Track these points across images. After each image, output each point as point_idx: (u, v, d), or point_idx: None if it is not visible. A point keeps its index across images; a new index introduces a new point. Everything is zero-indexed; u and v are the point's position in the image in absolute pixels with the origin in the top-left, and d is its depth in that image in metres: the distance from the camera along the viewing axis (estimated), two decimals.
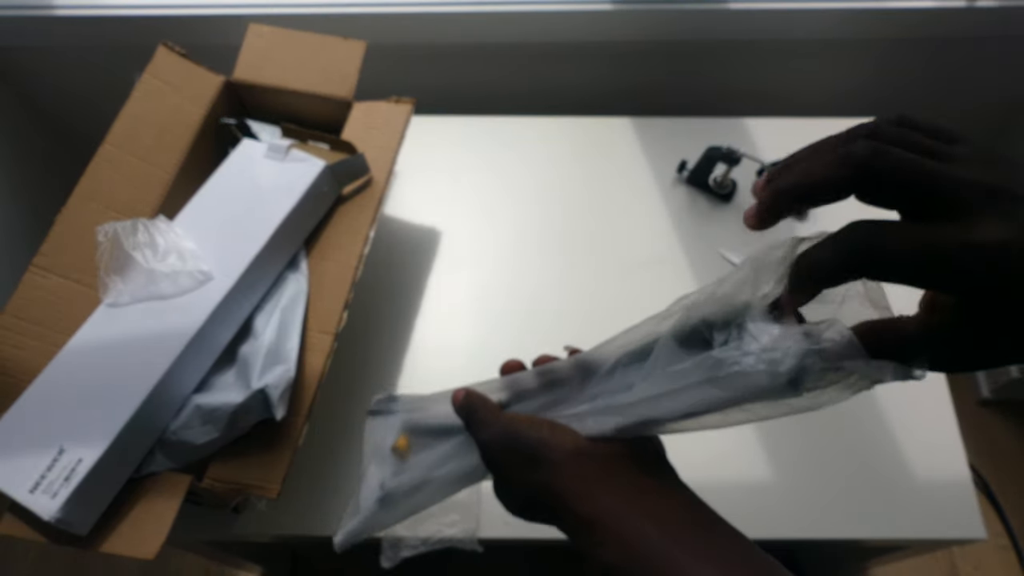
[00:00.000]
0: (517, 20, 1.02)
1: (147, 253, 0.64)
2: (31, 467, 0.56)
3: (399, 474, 0.47)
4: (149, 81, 0.75)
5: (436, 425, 0.48)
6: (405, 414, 0.50)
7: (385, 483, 0.47)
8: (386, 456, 0.49)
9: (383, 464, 0.48)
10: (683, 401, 0.35)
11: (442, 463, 0.46)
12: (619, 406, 0.38)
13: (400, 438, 0.49)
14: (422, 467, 0.47)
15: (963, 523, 0.74)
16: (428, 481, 0.46)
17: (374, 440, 0.50)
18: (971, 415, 1.47)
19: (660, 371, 0.37)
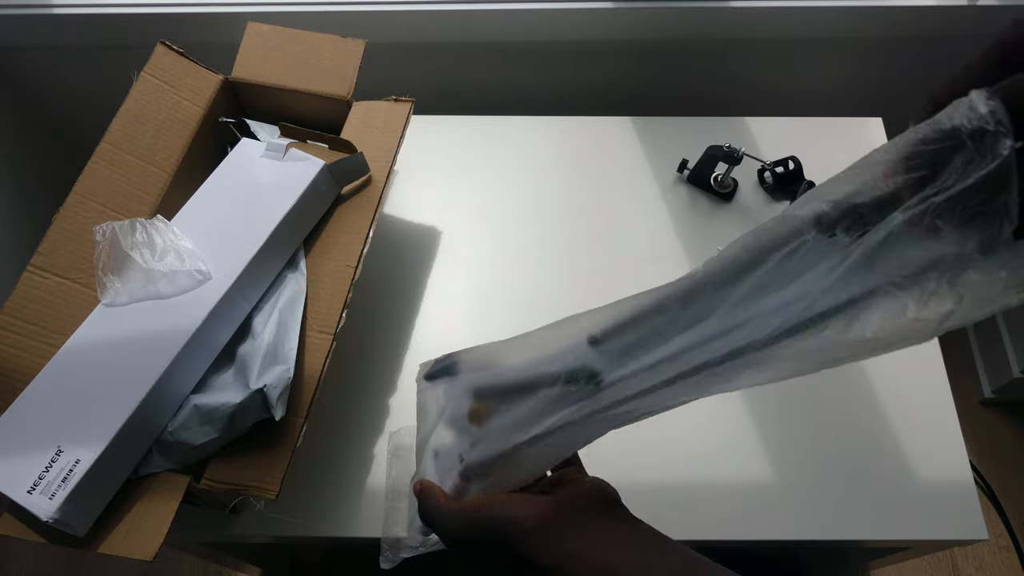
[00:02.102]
0: (517, 19, 1.02)
1: (145, 253, 0.64)
2: (29, 467, 0.56)
3: (477, 444, 0.42)
4: (147, 80, 0.75)
5: (512, 382, 0.42)
6: (470, 374, 0.44)
7: (464, 455, 0.42)
8: (462, 426, 0.43)
9: (461, 435, 0.43)
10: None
11: (528, 425, 0.40)
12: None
13: (475, 403, 0.43)
14: (503, 432, 0.41)
15: (964, 524, 0.74)
16: (516, 450, 0.40)
17: (439, 409, 0.45)
18: (973, 415, 1.47)
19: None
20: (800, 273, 0.31)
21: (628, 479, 0.77)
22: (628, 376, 0.38)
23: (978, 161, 0.26)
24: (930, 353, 0.83)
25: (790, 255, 0.31)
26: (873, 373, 0.83)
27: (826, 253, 0.30)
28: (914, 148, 0.28)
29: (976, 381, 1.49)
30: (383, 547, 0.72)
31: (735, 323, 0.33)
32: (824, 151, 0.97)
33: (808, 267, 0.31)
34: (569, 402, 0.39)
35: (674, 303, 0.36)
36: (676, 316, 0.36)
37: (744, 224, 0.93)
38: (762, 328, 0.32)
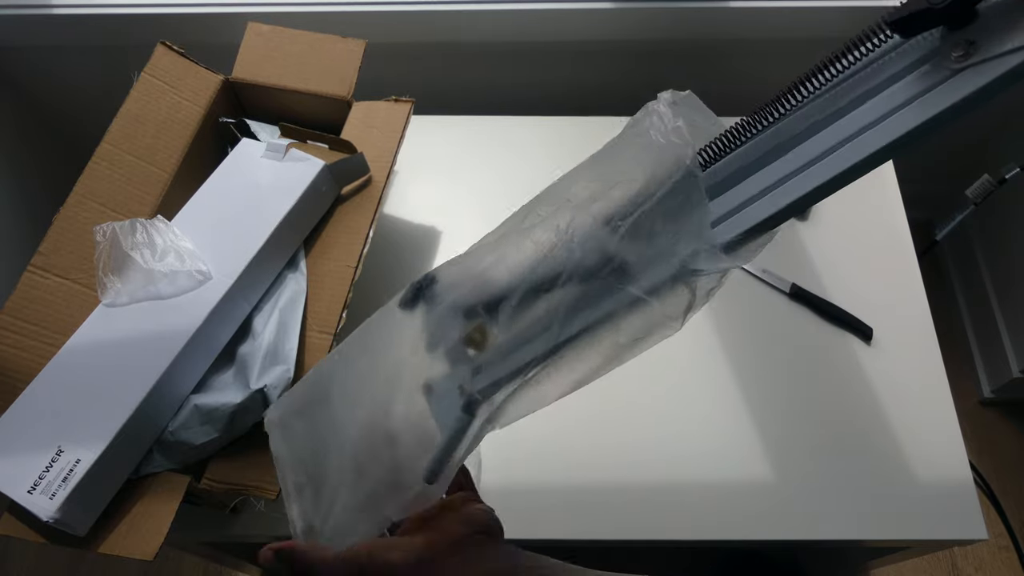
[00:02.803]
0: (517, 19, 1.02)
1: (145, 253, 0.64)
2: (29, 467, 0.56)
3: (482, 370, 0.38)
4: (148, 80, 0.75)
5: (502, 292, 0.38)
6: (455, 292, 0.40)
7: (466, 384, 0.38)
8: (457, 353, 0.39)
9: (457, 364, 0.39)
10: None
11: (531, 337, 0.37)
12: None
13: (470, 325, 0.39)
14: (503, 354, 0.37)
15: (964, 523, 0.74)
16: (533, 366, 0.36)
17: (427, 338, 0.40)
18: (972, 415, 1.47)
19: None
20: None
21: (629, 479, 0.78)
22: (655, 258, 0.34)
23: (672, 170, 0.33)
24: (930, 353, 0.83)
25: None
26: (873, 373, 0.83)
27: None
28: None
29: (976, 381, 1.49)
30: None
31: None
32: None
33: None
34: (595, 297, 0.36)
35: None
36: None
37: None
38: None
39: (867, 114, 0.29)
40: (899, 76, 0.28)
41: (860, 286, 0.88)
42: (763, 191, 0.33)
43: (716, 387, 0.82)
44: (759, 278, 0.89)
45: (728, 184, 0.34)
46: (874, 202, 0.95)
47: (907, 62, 0.28)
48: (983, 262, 1.48)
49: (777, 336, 0.86)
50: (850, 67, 0.30)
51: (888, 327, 0.85)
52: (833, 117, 0.31)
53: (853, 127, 0.30)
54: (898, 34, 0.27)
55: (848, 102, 0.30)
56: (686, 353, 0.85)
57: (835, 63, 0.30)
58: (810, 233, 0.93)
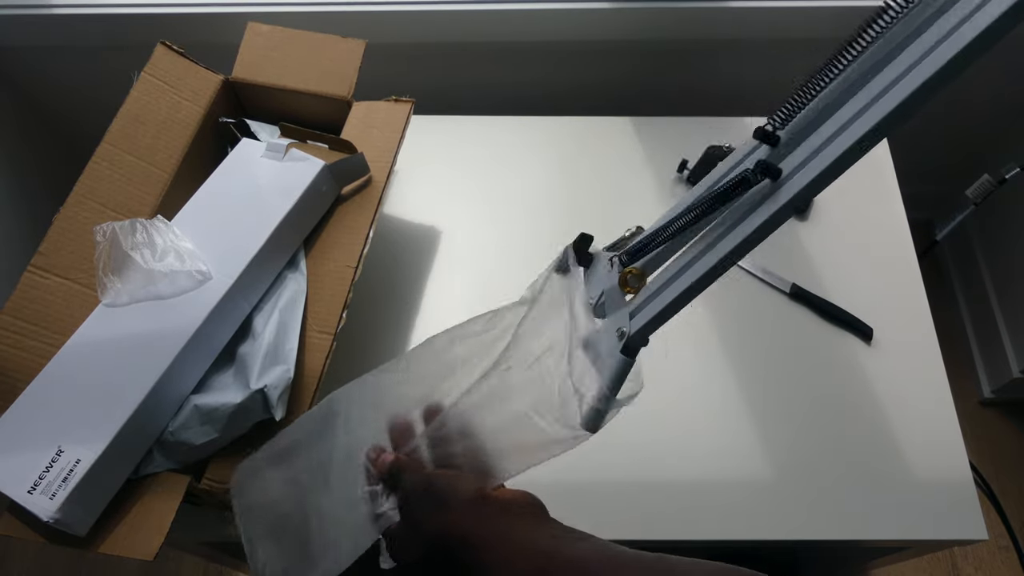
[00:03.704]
0: (517, 19, 1.02)
1: (145, 253, 0.64)
2: (29, 467, 0.56)
3: (639, 310, 0.42)
4: (147, 80, 0.75)
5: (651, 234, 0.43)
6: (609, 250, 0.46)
7: (626, 328, 0.42)
8: (615, 301, 0.44)
9: (616, 311, 0.43)
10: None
11: (684, 268, 0.41)
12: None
13: (626, 270, 0.43)
14: (676, 272, 0.41)
15: (964, 523, 0.74)
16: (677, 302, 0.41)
17: (576, 298, 0.46)
18: (972, 415, 1.47)
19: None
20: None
21: (628, 479, 0.78)
22: (805, 159, 0.37)
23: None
24: (930, 353, 0.83)
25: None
26: (873, 373, 0.83)
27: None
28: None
29: (976, 381, 1.49)
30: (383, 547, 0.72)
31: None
32: None
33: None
34: (738, 217, 0.38)
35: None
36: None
37: None
38: None
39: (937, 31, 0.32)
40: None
41: (860, 286, 0.88)
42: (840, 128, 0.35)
43: (716, 387, 0.82)
44: (759, 278, 0.89)
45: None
46: (874, 202, 0.95)
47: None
48: (983, 262, 1.48)
49: (777, 336, 0.86)
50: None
51: (888, 327, 0.85)
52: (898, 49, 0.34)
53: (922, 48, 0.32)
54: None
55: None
56: (686, 353, 0.85)
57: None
58: (810, 233, 0.93)
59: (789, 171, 0.36)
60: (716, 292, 0.93)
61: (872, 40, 0.35)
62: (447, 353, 0.52)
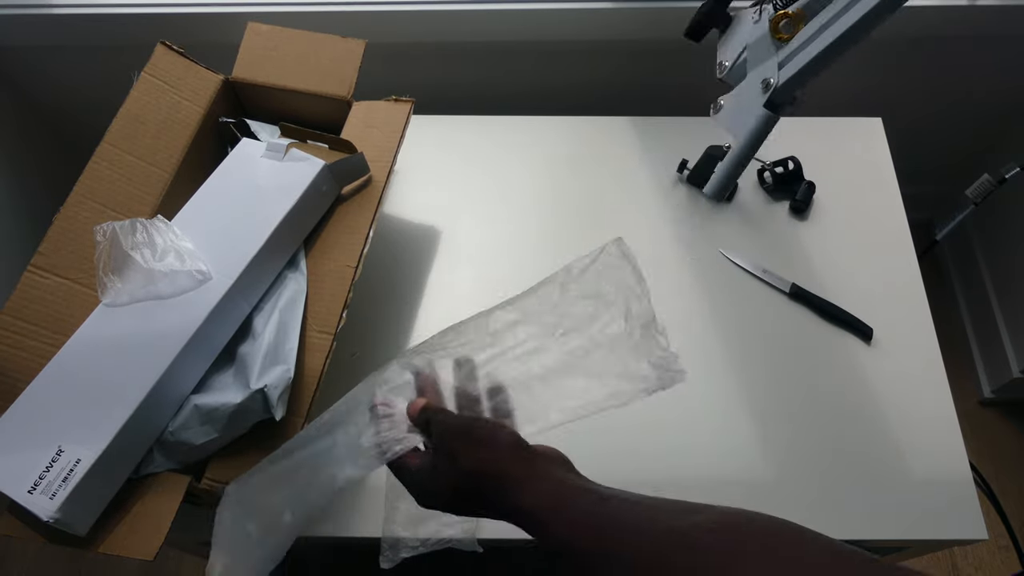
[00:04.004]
0: (517, 19, 1.02)
1: (145, 253, 0.64)
2: (30, 467, 0.56)
3: (792, 56, 0.42)
4: (147, 80, 0.75)
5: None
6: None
7: (773, 78, 0.42)
8: (762, 47, 0.44)
9: (767, 58, 0.43)
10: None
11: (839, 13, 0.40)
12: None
13: (783, 11, 0.43)
14: (810, 39, 0.42)
15: (964, 523, 0.74)
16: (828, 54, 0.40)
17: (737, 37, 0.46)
18: (972, 415, 1.47)
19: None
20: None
21: (628, 480, 0.77)
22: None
23: None
24: (930, 353, 0.83)
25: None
26: (873, 373, 0.83)
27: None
28: None
29: (976, 381, 1.49)
30: (383, 547, 0.72)
31: None
32: (824, 151, 0.97)
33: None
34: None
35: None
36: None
37: (744, 224, 0.93)
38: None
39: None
40: None
41: (860, 286, 0.88)
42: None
43: (716, 387, 0.82)
44: (759, 278, 0.89)
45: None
46: (874, 202, 0.95)
47: None
48: (983, 262, 1.48)
49: (777, 336, 0.86)
50: None
51: (888, 327, 0.85)
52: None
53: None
54: None
55: None
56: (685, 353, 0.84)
57: None
58: (810, 233, 0.93)
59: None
60: (716, 292, 0.93)
61: None
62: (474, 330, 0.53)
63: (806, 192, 0.94)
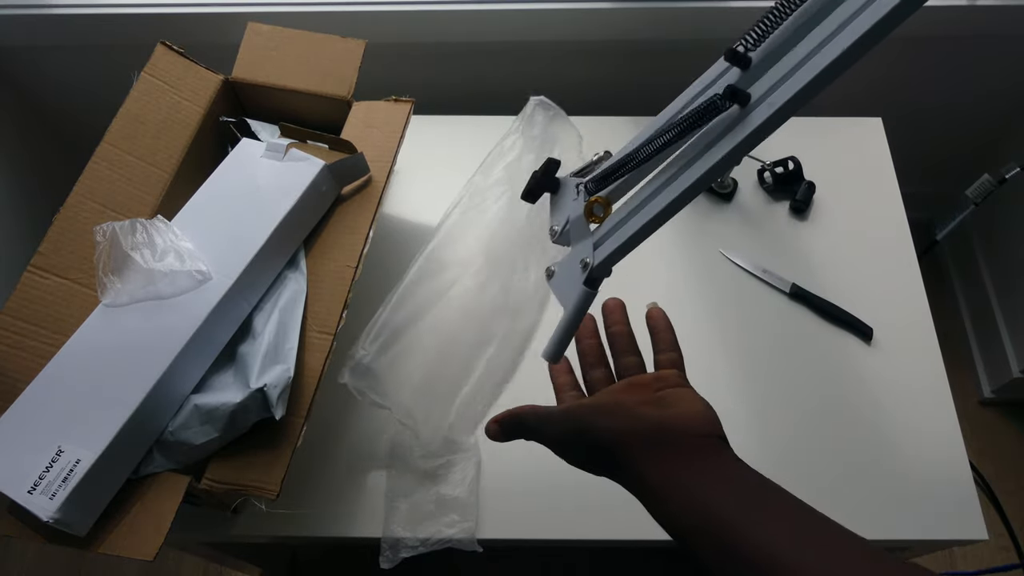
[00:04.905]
0: (517, 19, 1.02)
1: (145, 253, 0.64)
2: (29, 467, 0.56)
3: (602, 241, 0.41)
4: (148, 80, 0.75)
5: (618, 162, 0.42)
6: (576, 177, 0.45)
7: (589, 258, 0.41)
8: (579, 232, 0.43)
9: (580, 241, 0.42)
10: None
11: (646, 200, 0.40)
12: None
13: (592, 199, 0.42)
14: (622, 223, 0.40)
15: (964, 524, 0.74)
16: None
17: (550, 222, 0.45)
18: (972, 415, 1.47)
19: None
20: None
21: None
22: (776, 83, 0.36)
23: None
24: (930, 353, 0.83)
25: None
26: (873, 373, 0.83)
27: None
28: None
29: (976, 381, 1.49)
30: (383, 547, 0.72)
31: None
32: (824, 151, 0.97)
33: None
34: (704, 145, 0.38)
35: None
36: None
37: (744, 224, 0.93)
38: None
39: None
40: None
41: (860, 286, 0.88)
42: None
43: (715, 387, 0.82)
44: (759, 278, 0.89)
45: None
46: (874, 202, 0.95)
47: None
48: (983, 262, 1.48)
49: (777, 336, 0.86)
50: None
51: (888, 327, 0.85)
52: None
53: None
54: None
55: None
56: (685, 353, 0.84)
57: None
58: (810, 233, 0.93)
59: (759, 96, 0.35)
60: (716, 292, 0.93)
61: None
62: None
63: (806, 192, 0.94)
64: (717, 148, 0.36)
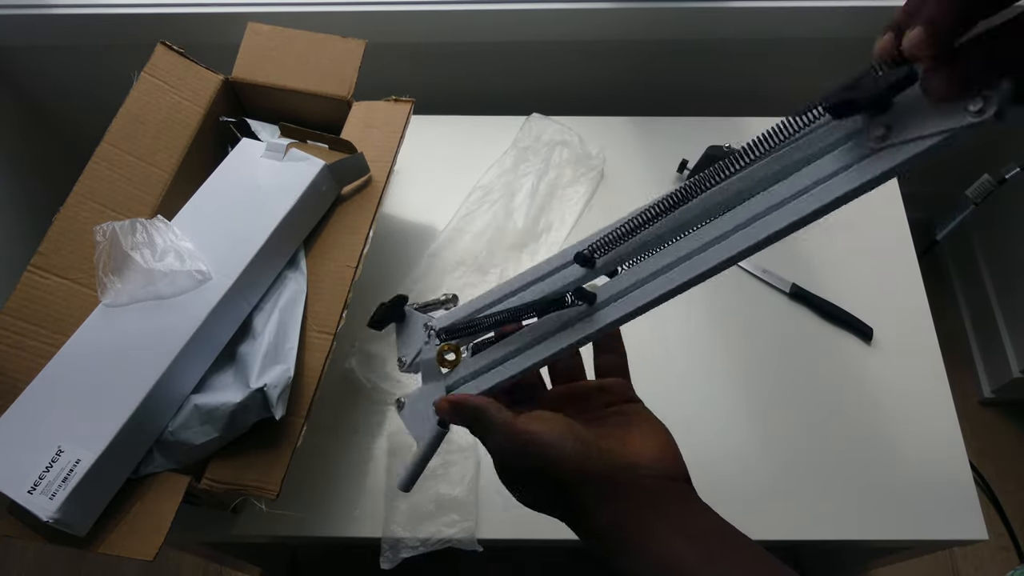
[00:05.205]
0: (517, 19, 1.02)
1: (145, 253, 0.64)
2: (29, 467, 0.56)
3: (452, 390, 0.42)
4: (147, 80, 0.75)
5: (490, 314, 0.42)
6: (426, 316, 0.45)
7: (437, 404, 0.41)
8: (430, 370, 0.43)
9: (431, 381, 0.42)
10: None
11: (503, 359, 0.40)
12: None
13: (443, 346, 0.42)
14: (475, 374, 0.41)
15: (964, 523, 0.74)
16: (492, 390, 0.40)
17: (399, 356, 0.45)
18: (972, 415, 1.47)
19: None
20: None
21: None
22: (621, 292, 0.38)
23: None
24: (930, 353, 0.83)
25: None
26: (873, 373, 0.83)
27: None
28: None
29: (976, 381, 1.49)
30: (383, 547, 0.72)
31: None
32: None
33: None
34: (558, 325, 0.39)
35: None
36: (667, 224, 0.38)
37: None
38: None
39: (798, 181, 0.33)
40: (828, 149, 0.32)
41: (860, 286, 0.88)
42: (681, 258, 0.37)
43: (715, 387, 0.82)
44: (759, 278, 0.89)
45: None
46: (874, 202, 0.94)
47: (837, 136, 0.32)
48: (983, 262, 1.48)
49: (777, 336, 0.86)
50: (788, 137, 0.33)
51: (888, 327, 0.85)
52: (766, 183, 0.35)
53: (781, 195, 0.34)
54: (830, 115, 0.31)
55: (780, 169, 0.34)
56: (685, 353, 0.85)
57: (775, 132, 0.33)
58: (810, 233, 0.93)
59: (604, 299, 0.38)
60: (716, 292, 0.93)
61: (700, 191, 0.36)
62: None
63: None
64: (564, 336, 0.39)
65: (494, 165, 0.96)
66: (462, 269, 0.89)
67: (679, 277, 0.36)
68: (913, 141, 0.29)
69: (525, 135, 0.99)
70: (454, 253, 0.90)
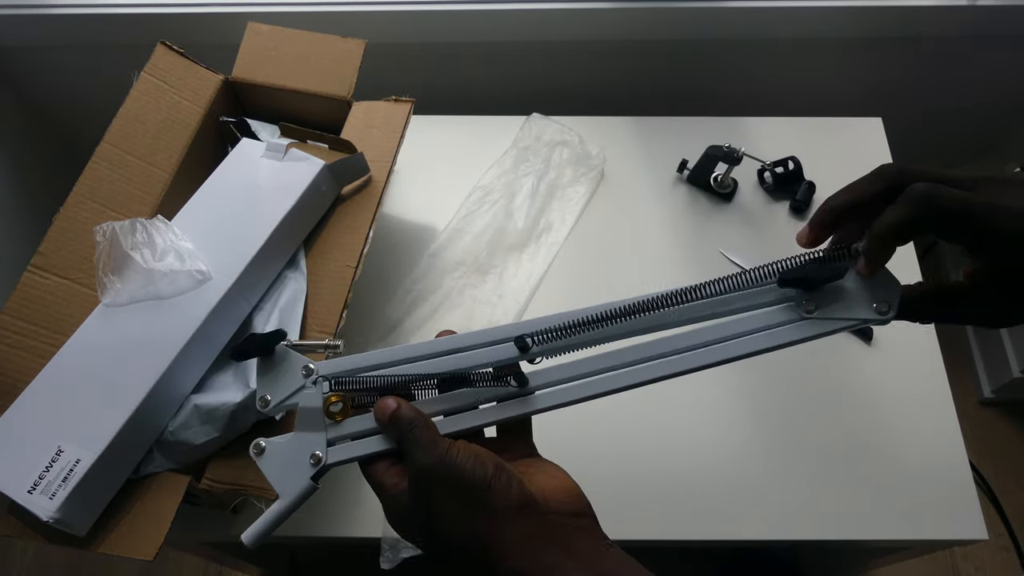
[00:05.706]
0: (517, 19, 1.02)
1: (145, 253, 0.64)
2: (29, 467, 0.56)
3: (335, 444, 0.40)
4: (148, 80, 0.75)
5: (400, 375, 0.40)
6: (319, 361, 0.43)
7: (322, 452, 0.39)
8: (310, 420, 0.40)
9: (309, 430, 0.40)
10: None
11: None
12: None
13: (332, 395, 0.40)
14: (367, 433, 0.39)
15: (964, 523, 0.74)
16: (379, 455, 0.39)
17: (264, 396, 0.41)
18: (973, 415, 1.47)
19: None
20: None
21: (628, 480, 0.78)
22: (553, 381, 0.41)
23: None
24: (930, 353, 0.83)
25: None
26: (873, 373, 0.83)
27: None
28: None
29: (976, 381, 1.49)
30: (383, 547, 0.72)
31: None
32: (824, 151, 0.97)
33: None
34: (488, 398, 0.40)
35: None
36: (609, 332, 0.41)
37: (744, 224, 0.93)
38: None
39: (737, 325, 0.42)
40: (767, 304, 0.42)
41: None
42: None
43: (715, 387, 0.82)
44: None
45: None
46: None
47: (776, 296, 0.41)
48: None
49: None
50: (741, 286, 0.42)
51: (888, 327, 0.84)
52: (706, 318, 0.42)
53: (719, 333, 0.42)
54: (778, 284, 0.40)
55: (724, 310, 0.42)
56: None
57: (721, 283, 0.41)
58: None
59: (537, 384, 0.41)
60: None
61: (649, 309, 0.41)
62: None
63: (806, 192, 0.94)
64: (495, 411, 0.40)
65: (494, 165, 0.96)
66: (462, 269, 0.89)
67: (612, 383, 0.41)
68: (834, 320, 0.39)
69: (525, 135, 0.99)
70: (454, 253, 0.90)
